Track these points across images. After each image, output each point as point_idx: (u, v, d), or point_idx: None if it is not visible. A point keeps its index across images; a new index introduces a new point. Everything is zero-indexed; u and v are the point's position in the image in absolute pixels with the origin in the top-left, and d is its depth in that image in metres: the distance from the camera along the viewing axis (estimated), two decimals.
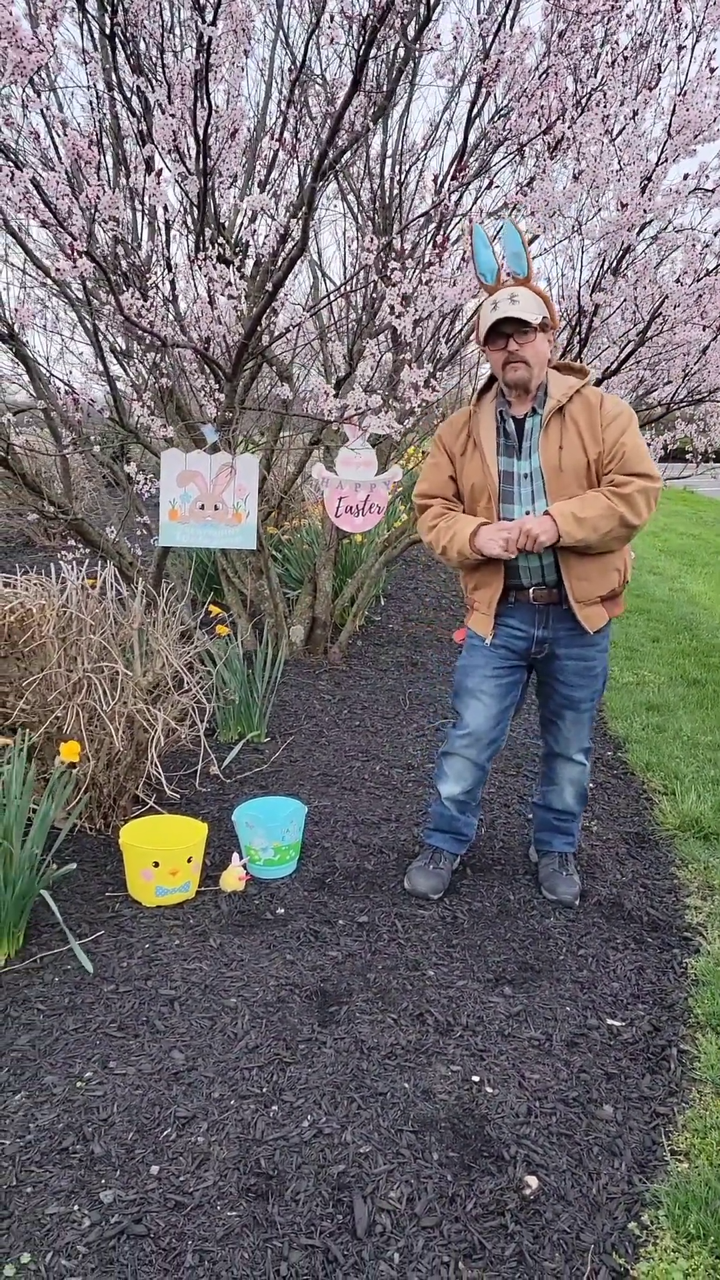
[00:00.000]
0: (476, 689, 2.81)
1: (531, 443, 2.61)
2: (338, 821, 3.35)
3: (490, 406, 2.68)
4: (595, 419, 2.57)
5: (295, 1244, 1.70)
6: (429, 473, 2.81)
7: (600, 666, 2.81)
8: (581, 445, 2.56)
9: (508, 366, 2.55)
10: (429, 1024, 2.30)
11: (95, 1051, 2.15)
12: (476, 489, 2.68)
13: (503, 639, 2.77)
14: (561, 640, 2.74)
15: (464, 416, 2.75)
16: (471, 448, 2.69)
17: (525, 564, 2.66)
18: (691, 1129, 2.03)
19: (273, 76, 4.47)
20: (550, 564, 2.65)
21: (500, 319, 2.48)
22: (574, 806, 2.98)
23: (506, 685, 2.81)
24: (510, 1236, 1.74)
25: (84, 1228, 1.71)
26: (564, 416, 2.58)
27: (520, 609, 2.74)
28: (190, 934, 2.63)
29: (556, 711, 2.88)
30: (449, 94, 4.82)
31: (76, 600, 3.01)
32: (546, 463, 2.57)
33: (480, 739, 2.84)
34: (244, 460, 3.59)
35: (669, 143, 3.58)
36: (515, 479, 2.64)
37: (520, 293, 2.50)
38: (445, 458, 2.77)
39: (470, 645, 2.85)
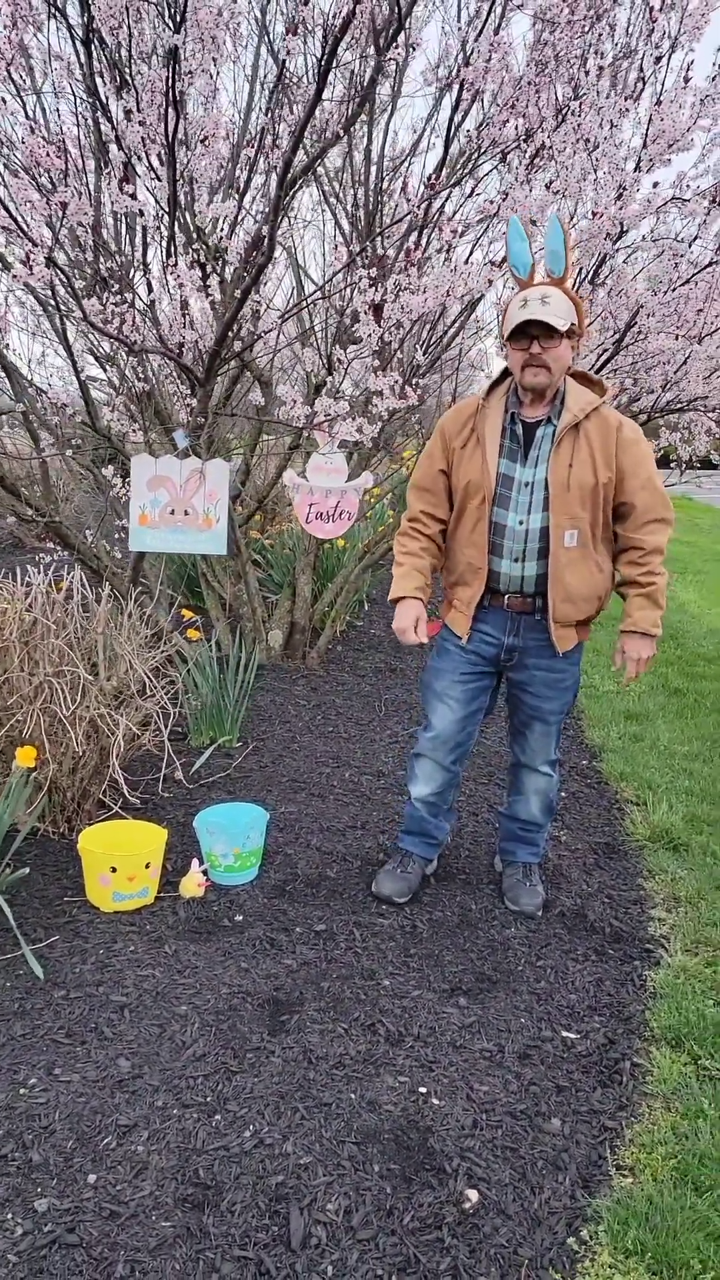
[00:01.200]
0: (444, 692, 2.80)
1: (539, 452, 2.55)
2: (303, 828, 3.34)
3: (500, 404, 2.60)
4: (610, 442, 2.53)
5: (228, 1255, 1.69)
6: (422, 462, 2.75)
7: (570, 680, 2.79)
8: (593, 466, 2.51)
9: (527, 369, 2.48)
10: (380, 1034, 2.29)
11: (41, 1058, 2.14)
12: (471, 487, 2.60)
13: (474, 644, 2.74)
14: (532, 650, 2.72)
15: (471, 407, 2.67)
16: (474, 443, 2.61)
17: (508, 571, 2.62)
18: (639, 1144, 2.02)
19: (255, 81, 4.47)
20: (532, 576, 2.61)
21: (528, 320, 2.41)
22: (539, 818, 2.97)
23: (474, 690, 2.80)
24: (446, 1250, 1.73)
25: (16, 1236, 1.70)
26: (579, 433, 2.52)
27: (494, 614, 2.71)
28: (146, 940, 2.61)
29: (525, 722, 2.87)
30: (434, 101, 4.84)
31: (40, 604, 3.00)
32: (555, 478, 2.51)
33: (446, 742, 2.83)
34: (214, 465, 3.59)
35: (644, 152, 3.58)
36: (515, 484, 2.57)
37: (553, 294, 2.43)
38: (441, 449, 2.69)
39: (441, 648, 2.83)
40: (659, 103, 3.62)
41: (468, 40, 3.88)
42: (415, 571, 2.69)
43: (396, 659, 5.60)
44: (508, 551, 2.60)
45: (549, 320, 2.39)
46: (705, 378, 5.06)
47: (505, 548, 2.60)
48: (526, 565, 2.60)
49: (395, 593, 2.69)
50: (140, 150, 3.03)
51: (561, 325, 2.41)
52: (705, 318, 4.16)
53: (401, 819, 3.07)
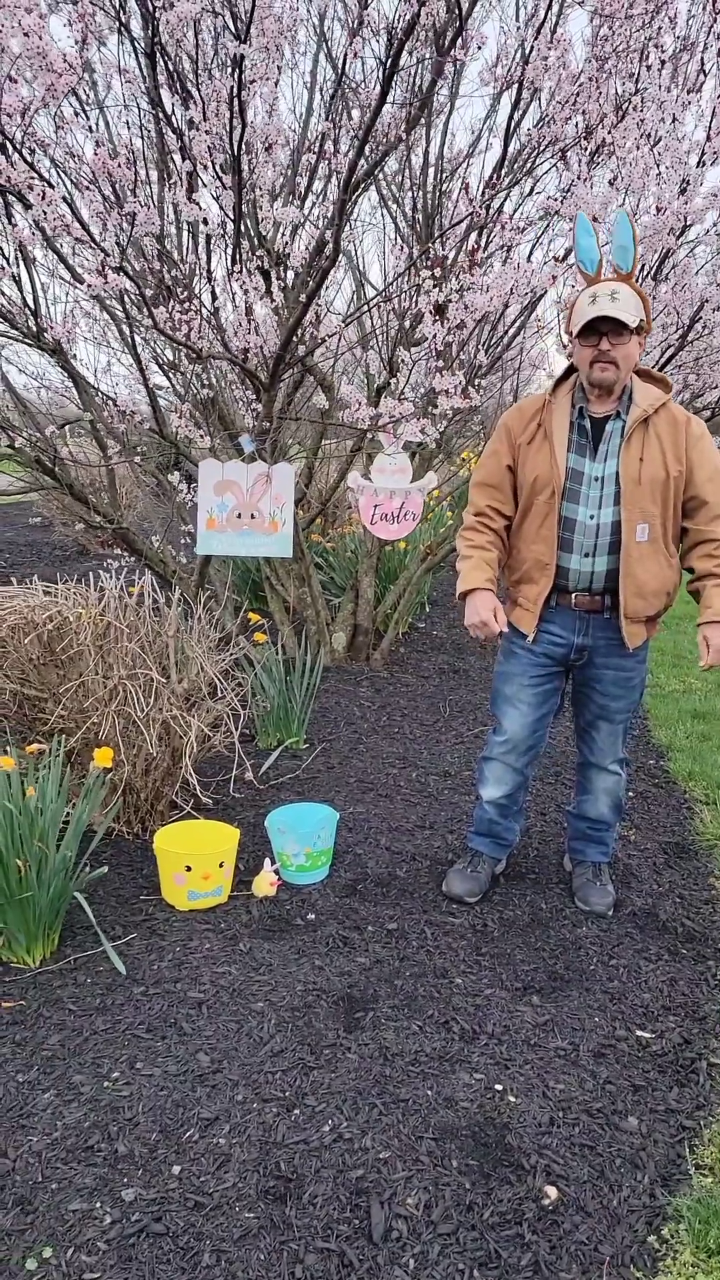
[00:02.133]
0: (515, 696, 2.80)
1: (609, 446, 2.55)
2: (371, 828, 3.36)
3: (566, 399, 2.60)
4: (680, 437, 2.53)
5: (311, 1247, 1.71)
6: (487, 460, 2.73)
7: (639, 678, 2.78)
8: (663, 461, 2.51)
9: (595, 365, 2.46)
10: (454, 1032, 2.30)
11: (123, 1052, 2.19)
12: (540, 482, 2.59)
13: (543, 645, 2.73)
14: (601, 649, 2.70)
15: (537, 404, 2.66)
16: (541, 438, 2.61)
17: (578, 567, 2.61)
18: (717, 1143, 2.01)
19: (314, 88, 4.51)
20: (602, 572, 2.60)
21: (598, 316, 2.39)
22: (609, 817, 2.95)
23: (545, 693, 2.79)
24: (527, 1246, 1.74)
25: (105, 1225, 1.75)
26: (648, 428, 2.53)
27: (561, 614, 2.69)
28: (221, 938, 2.66)
29: (592, 722, 2.85)
30: (492, 101, 4.83)
31: (114, 608, 3.07)
32: (626, 473, 2.51)
33: (518, 745, 2.83)
34: (280, 469, 3.63)
35: (708, 145, 3.54)
36: (584, 479, 2.57)
37: (622, 290, 2.42)
38: (507, 446, 2.67)
39: (508, 651, 2.82)
40: None
41: (526, 39, 3.88)
42: (484, 564, 2.66)
43: (460, 660, 5.60)
44: (577, 546, 2.59)
45: (619, 316, 2.38)
46: None
47: (575, 543, 2.59)
48: (596, 561, 2.59)
49: (465, 585, 2.64)
50: (205, 159, 3.08)
51: (631, 321, 2.40)
52: None
53: (470, 819, 3.07)
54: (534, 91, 4.04)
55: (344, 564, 6.35)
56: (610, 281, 2.47)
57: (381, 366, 4.22)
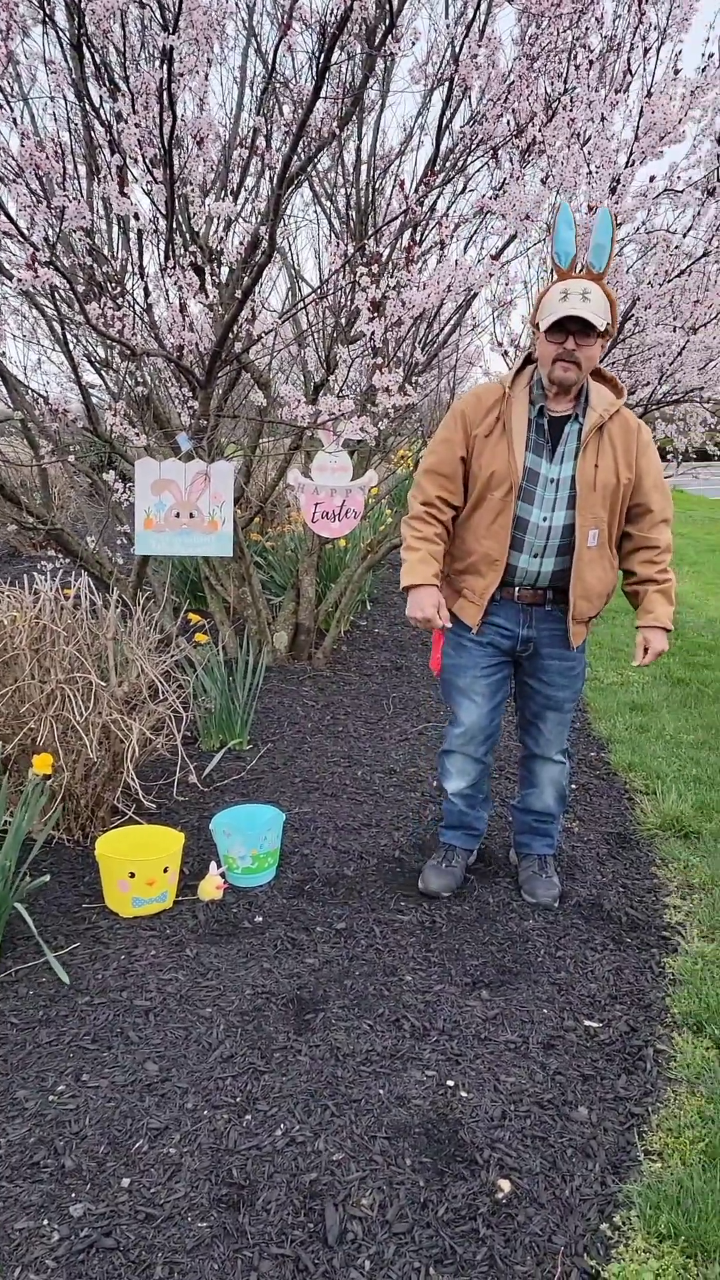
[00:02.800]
0: (468, 688, 2.81)
1: (566, 449, 2.55)
2: (318, 828, 3.35)
3: (524, 394, 2.57)
4: (632, 444, 2.56)
5: (266, 1253, 1.70)
6: (439, 448, 2.66)
7: (581, 667, 2.83)
8: (615, 467, 2.53)
9: (558, 363, 2.44)
10: (405, 1029, 2.30)
11: (68, 1064, 2.15)
12: (497, 477, 2.56)
13: (489, 636, 2.75)
14: (545, 640, 2.74)
15: (495, 394, 2.60)
16: (500, 432, 2.56)
17: (526, 565, 2.63)
18: (665, 1129, 2.04)
19: (244, 83, 4.47)
20: (548, 572, 2.63)
21: (568, 315, 2.37)
22: (554, 808, 2.98)
23: (497, 682, 2.81)
24: (482, 1241, 1.74)
25: (53, 1242, 1.71)
26: (603, 434, 2.54)
27: (506, 607, 2.71)
28: (167, 944, 2.62)
29: (538, 713, 2.87)
30: (423, 98, 4.84)
31: (50, 611, 3.01)
32: (582, 478, 2.52)
33: (476, 736, 2.85)
34: (218, 467, 3.59)
35: (636, 145, 3.59)
36: (540, 480, 2.56)
37: (594, 291, 2.41)
38: (462, 435, 2.61)
39: (456, 643, 2.82)
40: (649, 95, 3.63)
41: (456, 37, 3.89)
42: (431, 558, 2.63)
43: (402, 657, 5.61)
44: (528, 546, 2.61)
45: (589, 317, 2.36)
46: (700, 368, 5.07)
47: (526, 542, 2.61)
48: (545, 561, 2.62)
49: (411, 579, 2.60)
50: (135, 153, 3.03)
51: (600, 324, 2.40)
52: (700, 309, 4.17)
53: (441, 814, 3.09)
54: (465, 89, 4.05)
55: (284, 563, 6.32)
56: (583, 279, 2.45)
57: (319, 364, 4.20)
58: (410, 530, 2.69)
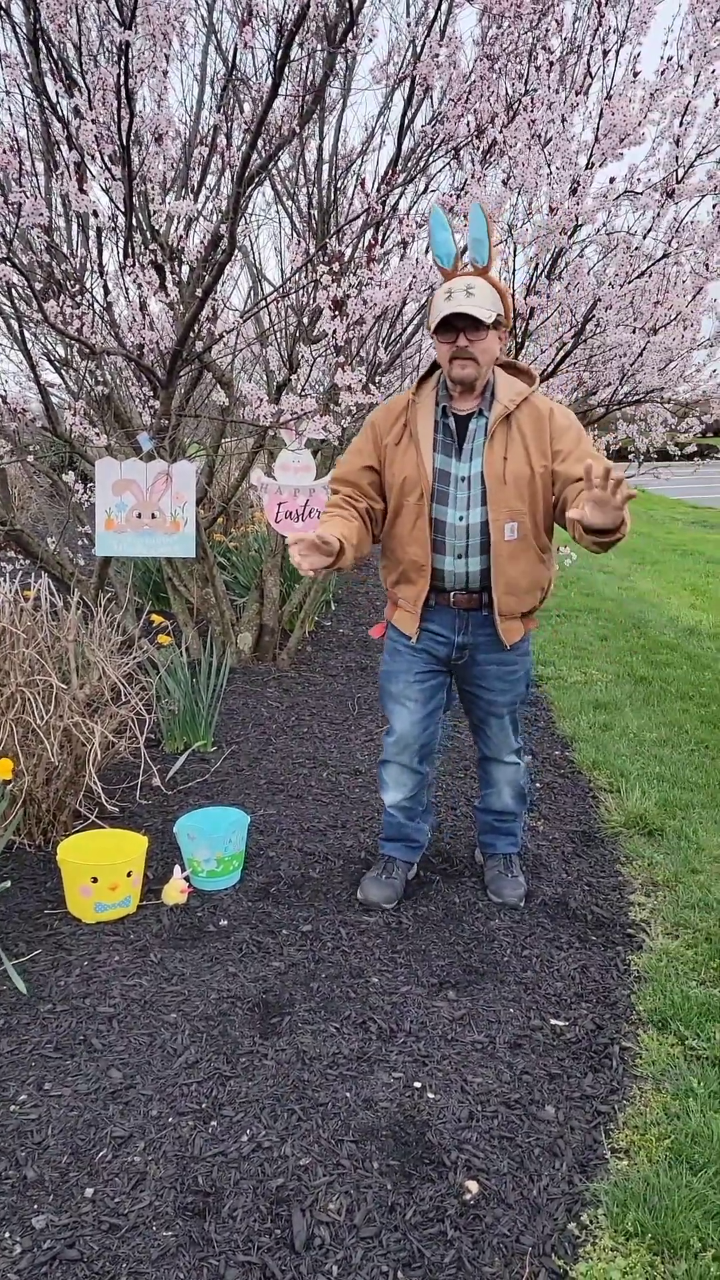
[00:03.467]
0: (401, 694, 2.78)
1: (473, 446, 2.53)
2: (283, 830, 3.33)
3: (430, 397, 2.56)
4: (544, 431, 2.50)
5: (232, 1261, 1.68)
6: (348, 457, 2.67)
7: (521, 670, 2.78)
8: (527, 457, 2.49)
9: (455, 362, 2.43)
10: (372, 1031, 2.29)
11: (30, 1074, 2.11)
12: (409, 484, 2.55)
13: (424, 643, 2.71)
14: (482, 646, 2.70)
15: (402, 403, 2.61)
16: (407, 438, 2.56)
17: (451, 568, 2.59)
18: (632, 1126, 2.04)
19: (204, 80, 4.44)
20: (476, 571, 2.59)
21: (453, 313, 2.36)
22: (514, 807, 2.97)
23: (431, 689, 2.77)
24: (450, 1243, 1.73)
25: (14, 1255, 1.68)
26: (510, 425, 2.50)
27: (441, 613, 2.67)
28: (130, 949, 2.59)
29: (482, 719, 2.85)
30: (384, 98, 4.85)
31: (9, 613, 2.96)
32: (490, 472, 2.49)
33: (410, 745, 2.81)
34: (180, 467, 3.56)
35: (597, 146, 3.61)
36: (452, 480, 2.54)
37: (477, 285, 2.39)
38: (372, 446, 2.62)
39: (392, 649, 2.79)
40: (609, 97, 3.65)
41: (417, 36, 3.90)
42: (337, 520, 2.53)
43: (367, 657, 5.60)
44: (450, 548, 2.57)
45: (474, 312, 2.35)
46: (660, 369, 5.12)
47: (447, 544, 2.57)
48: (470, 561, 2.57)
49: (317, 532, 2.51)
50: (93, 149, 3.00)
51: (487, 317, 2.37)
52: (660, 310, 4.20)
53: (381, 826, 3.06)
54: (426, 89, 4.05)
55: (248, 563, 6.29)
56: (466, 276, 2.44)
57: (282, 363, 4.18)
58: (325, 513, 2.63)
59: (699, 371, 6.13)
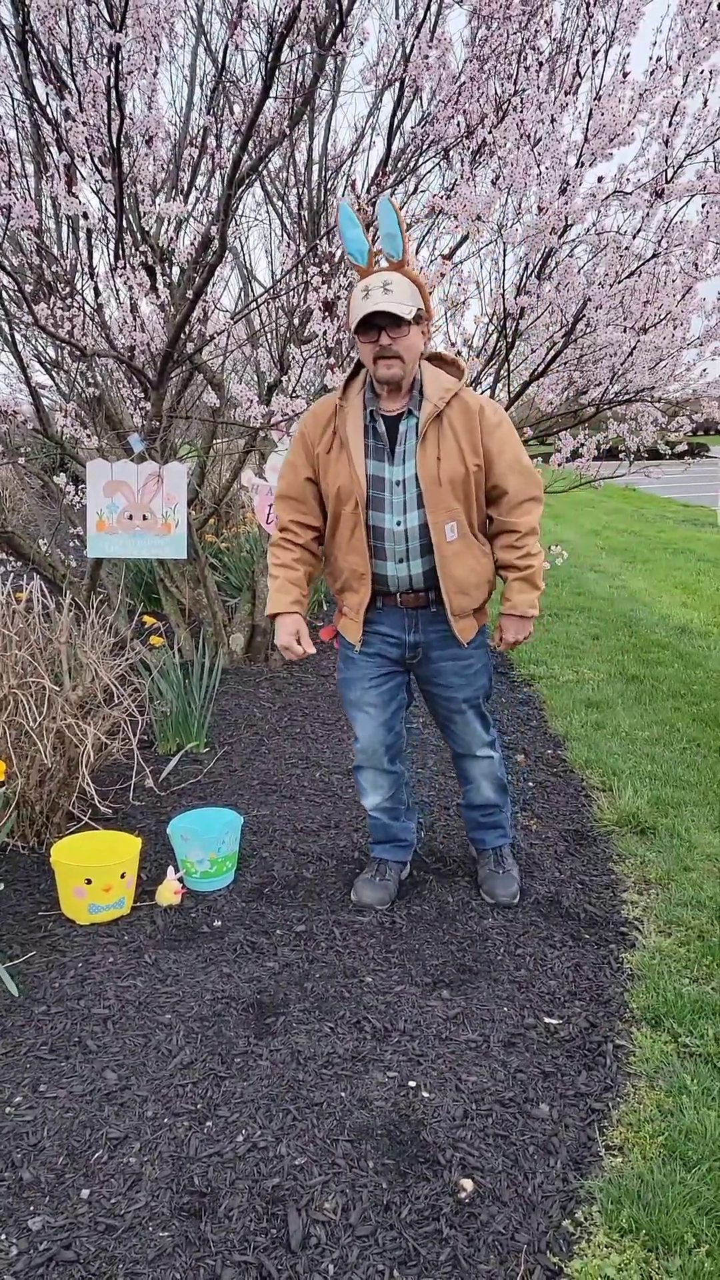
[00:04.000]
0: (360, 700, 2.75)
1: (406, 448, 2.47)
2: (276, 830, 3.33)
3: (358, 400, 2.50)
4: (475, 426, 2.46)
5: (229, 1261, 1.68)
6: (286, 471, 2.63)
7: (479, 664, 2.74)
8: (460, 456, 2.45)
9: (379, 362, 2.37)
10: (366, 1031, 2.29)
11: (25, 1075, 2.11)
12: (343, 493, 2.50)
13: (376, 646, 2.68)
14: (434, 643, 2.67)
15: (329, 409, 2.54)
16: (338, 446, 2.50)
17: (394, 572, 2.57)
18: (626, 1123, 2.05)
19: (194, 81, 4.45)
20: (419, 574, 2.56)
21: (372, 312, 2.31)
22: (495, 799, 2.95)
23: (388, 691, 2.75)
24: (445, 1241, 1.74)
25: (11, 1257, 1.68)
26: (441, 423, 2.45)
27: (389, 614, 2.65)
28: (124, 951, 2.59)
29: (446, 716, 2.82)
30: (374, 99, 4.85)
31: (1, 615, 2.96)
32: (425, 474, 2.44)
33: (377, 748, 2.80)
34: (172, 469, 3.56)
35: (586, 146, 3.62)
36: (386, 485, 2.49)
37: (394, 280, 2.33)
38: (305, 457, 2.58)
39: (345, 656, 2.77)
40: (598, 97, 3.66)
41: (407, 38, 3.90)
42: (290, 584, 2.60)
43: None
44: (390, 554, 2.54)
45: (393, 309, 2.30)
46: (651, 368, 5.13)
47: (387, 550, 2.54)
48: (412, 564, 2.55)
49: (271, 609, 2.61)
50: (83, 151, 3.00)
51: (408, 313, 2.33)
52: (650, 310, 4.21)
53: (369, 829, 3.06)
54: (416, 90, 4.06)
55: (239, 564, 6.29)
56: (382, 272, 2.39)
57: (272, 364, 4.18)
58: (271, 558, 2.66)
59: (689, 370, 6.14)
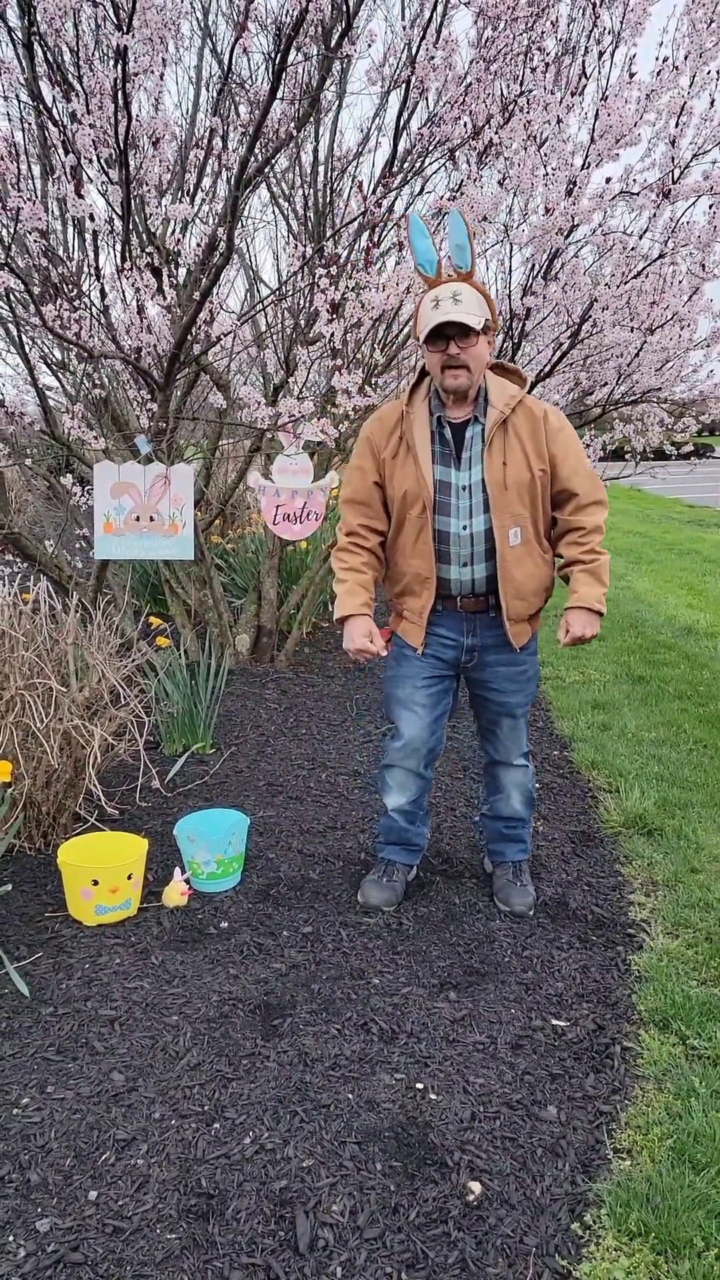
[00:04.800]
0: (409, 700, 2.77)
1: (472, 453, 2.53)
2: (283, 831, 3.33)
3: (424, 407, 2.55)
4: (540, 432, 2.52)
5: (236, 1263, 1.68)
6: (353, 476, 2.67)
7: (531, 670, 2.79)
8: (526, 461, 2.50)
9: (447, 371, 2.42)
10: (373, 1033, 2.29)
11: (32, 1077, 2.11)
12: (410, 497, 2.55)
13: (433, 648, 2.71)
14: (490, 647, 2.70)
15: (395, 414, 2.60)
16: (404, 451, 2.56)
17: (458, 576, 2.60)
18: (634, 1126, 2.05)
19: (201, 83, 4.45)
20: (482, 578, 2.60)
21: (443, 322, 2.36)
22: (522, 812, 2.96)
23: (438, 694, 2.77)
24: (453, 1244, 1.73)
25: (19, 1258, 1.68)
26: (507, 429, 2.50)
27: (448, 617, 2.68)
28: (131, 952, 2.59)
29: (494, 720, 2.84)
30: (380, 99, 4.84)
31: (7, 616, 2.96)
32: (491, 479, 2.49)
33: (418, 750, 2.81)
34: (179, 470, 3.57)
35: (593, 147, 3.62)
36: (453, 490, 2.54)
37: (463, 291, 2.38)
38: (372, 462, 2.63)
39: (399, 655, 2.78)
40: (605, 98, 3.66)
41: (413, 39, 3.90)
42: (359, 587, 2.63)
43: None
44: (455, 558, 2.58)
45: (463, 320, 2.35)
46: (657, 369, 5.13)
47: (452, 554, 2.58)
48: (475, 568, 2.59)
49: (342, 611, 2.62)
50: (90, 153, 3.00)
51: (477, 323, 2.38)
52: (657, 310, 4.21)
53: (379, 830, 3.05)
54: (422, 91, 4.06)
55: (245, 565, 6.29)
56: (451, 283, 2.42)
57: (279, 366, 4.18)
58: (338, 562, 2.68)
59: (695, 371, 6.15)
